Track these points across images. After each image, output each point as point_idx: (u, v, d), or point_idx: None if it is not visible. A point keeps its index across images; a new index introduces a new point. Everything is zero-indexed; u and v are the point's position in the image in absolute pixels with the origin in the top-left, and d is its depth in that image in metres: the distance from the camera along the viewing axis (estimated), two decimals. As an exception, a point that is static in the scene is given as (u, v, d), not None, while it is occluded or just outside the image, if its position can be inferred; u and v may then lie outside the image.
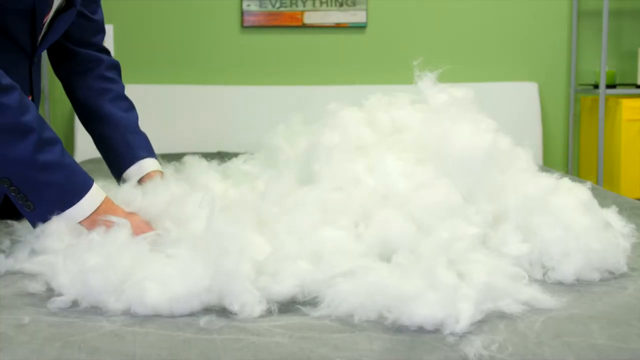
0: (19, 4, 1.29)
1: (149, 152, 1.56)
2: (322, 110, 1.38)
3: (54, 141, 1.19)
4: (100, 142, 1.60)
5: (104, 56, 1.64)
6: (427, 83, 1.32)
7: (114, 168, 1.57)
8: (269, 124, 3.62)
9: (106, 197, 1.24)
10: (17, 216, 1.47)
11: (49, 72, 3.31)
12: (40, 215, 1.19)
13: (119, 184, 1.52)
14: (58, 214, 1.19)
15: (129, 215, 1.24)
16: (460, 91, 1.31)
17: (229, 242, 1.01)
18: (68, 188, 1.19)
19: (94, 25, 1.62)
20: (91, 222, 1.21)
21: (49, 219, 1.19)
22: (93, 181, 1.23)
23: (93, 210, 1.21)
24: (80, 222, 1.21)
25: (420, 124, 1.29)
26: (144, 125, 1.64)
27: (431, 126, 1.26)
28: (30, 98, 1.47)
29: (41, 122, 1.19)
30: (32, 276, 1.12)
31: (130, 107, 1.63)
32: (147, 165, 1.54)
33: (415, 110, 1.34)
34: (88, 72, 1.60)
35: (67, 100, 1.64)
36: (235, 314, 0.97)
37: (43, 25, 1.38)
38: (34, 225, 1.20)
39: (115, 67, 1.66)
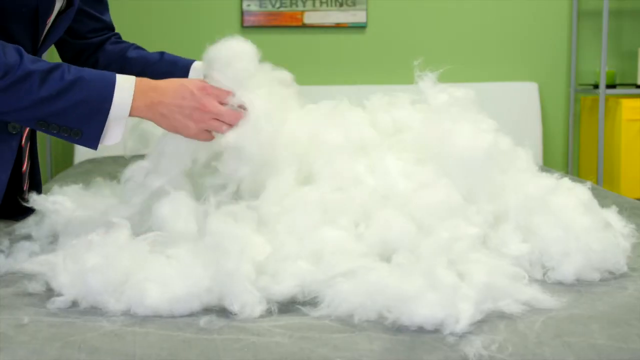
0: (22, 7, 1.30)
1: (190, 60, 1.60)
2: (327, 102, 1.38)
3: (54, 68, 1.17)
4: None
5: (111, 32, 1.66)
6: (427, 83, 1.32)
7: None
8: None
9: (137, 80, 1.21)
10: (16, 216, 1.48)
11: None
12: (91, 135, 1.18)
13: None
14: (103, 125, 1.17)
15: (178, 82, 1.22)
16: (461, 91, 1.31)
17: (229, 242, 1.01)
18: (93, 97, 1.17)
19: (103, 23, 1.63)
20: (145, 107, 1.19)
21: (104, 134, 1.18)
22: (115, 75, 1.20)
23: (131, 99, 1.18)
24: (132, 115, 1.19)
25: (421, 124, 1.29)
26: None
27: (431, 126, 1.26)
28: None
29: (35, 60, 1.18)
30: (32, 276, 1.12)
31: (147, 50, 1.65)
32: (200, 65, 1.57)
33: (415, 110, 1.34)
34: (103, 45, 1.62)
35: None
36: (235, 314, 0.97)
37: (45, 27, 1.38)
38: (94, 146, 1.19)
39: (118, 34, 1.68)
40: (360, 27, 3.49)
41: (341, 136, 1.28)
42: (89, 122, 1.17)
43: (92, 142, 1.19)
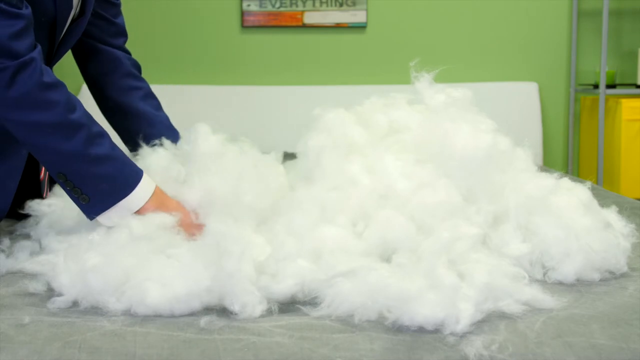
0: (42, 16, 1.31)
1: None
2: (310, 114, 1.37)
3: (102, 135, 1.21)
4: (133, 139, 1.61)
5: (127, 55, 1.66)
6: (424, 84, 1.33)
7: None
8: (269, 124, 3.62)
9: (157, 187, 1.24)
10: (17, 216, 1.48)
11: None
12: (95, 207, 1.20)
13: None
14: (111, 206, 1.20)
15: (180, 207, 1.24)
16: (458, 91, 1.31)
17: (229, 243, 1.01)
18: (120, 179, 1.20)
19: (116, 27, 1.64)
20: (147, 210, 1.21)
21: (103, 212, 1.20)
22: (143, 172, 1.24)
23: (147, 199, 1.21)
24: (140, 212, 1.21)
25: (419, 124, 1.29)
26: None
27: (431, 126, 1.26)
28: None
29: (89, 117, 1.21)
30: (32, 276, 1.12)
31: (159, 106, 1.66)
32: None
33: (413, 110, 1.34)
34: (115, 71, 1.62)
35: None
36: (235, 314, 0.97)
37: (61, 35, 1.39)
38: (90, 217, 1.21)
39: (138, 66, 1.68)
40: (360, 27, 3.49)
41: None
42: (101, 197, 1.19)
43: (92, 213, 1.21)
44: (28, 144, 1.18)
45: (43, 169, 1.50)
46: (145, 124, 1.57)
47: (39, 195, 1.49)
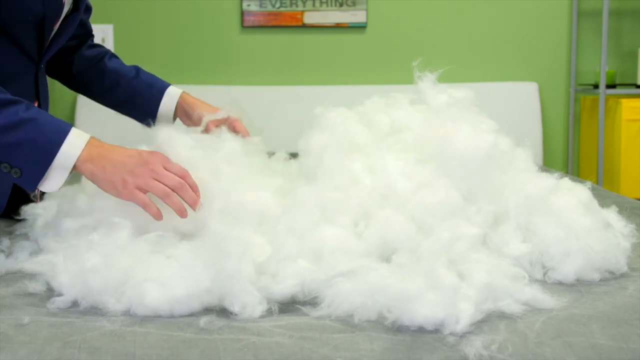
0: (30, 15, 1.30)
1: (166, 83, 1.62)
2: (311, 113, 1.37)
3: (13, 102, 1.16)
4: (116, 97, 1.62)
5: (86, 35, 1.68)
6: (427, 84, 1.32)
7: (142, 112, 1.59)
8: (269, 124, 3.63)
9: (92, 137, 1.18)
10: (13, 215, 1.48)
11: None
12: (31, 177, 1.15)
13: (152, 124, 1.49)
14: (45, 169, 1.14)
15: (129, 150, 1.18)
16: (461, 92, 1.31)
17: (230, 243, 1.00)
18: (42, 140, 1.14)
19: (85, 29, 1.66)
20: (88, 161, 1.15)
21: (43, 179, 1.15)
22: (71, 126, 1.18)
23: (81, 148, 1.15)
24: (76, 168, 1.16)
25: (420, 124, 1.29)
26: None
27: (432, 126, 1.26)
28: (36, 104, 1.48)
29: None
30: (32, 276, 1.12)
31: (124, 62, 1.66)
32: (174, 91, 1.60)
33: (415, 110, 1.34)
34: (79, 49, 1.63)
35: (67, 101, 1.66)
36: (235, 314, 0.97)
37: (52, 32, 1.39)
38: (31, 189, 1.17)
39: (92, 37, 1.69)
40: (360, 27, 3.49)
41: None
42: (31, 164, 1.14)
43: (30, 184, 1.16)
44: None
45: None
46: (122, 79, 1.59)
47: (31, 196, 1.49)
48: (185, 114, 1.60)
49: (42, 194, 1.52)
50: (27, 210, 1.36)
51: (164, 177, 1.14)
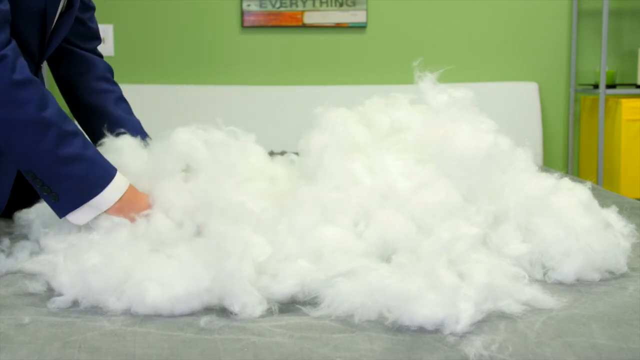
0: (34, 7, 1.31)
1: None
2: (311, 113, 1.37)
3: (74, 134, 1.21)
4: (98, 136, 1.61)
5: (100, 59, 1.67)
6: (427, 84, 1.32)
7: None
8: (269, 124, 3.62)
9: (130, 186, 1.25)
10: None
11: (48, 72, 3.31)
12: (64, 206, 1.20)
13: None
14: (81, 205, 1.20)
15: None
16: (461, 92, 1.31)
17: (230, 244, 1.00)
18: (90, 179, 1.20)
19: (90, 31, 1.65)
20: (118, 210, 1.22)
21: (72, 211, 1.20)
22: (116, 170, 1.24)
23: (117, 199, 1.22)
24: (106, 212, 1.22)
25: (421, 124, 1.29)
26: (143, 125, 1.64)
27: (432, 127, 1.26)
28: None
29: (62, 115, 1.20)
30: (32, 276, 1.12)
31: (130, 110, 1.66)
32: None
33: (415, 110, 1.34)
34: (88, 73, 1.62)
35: (65, 103, 1.65)
36: (235, 314, 0.97)
37: (51, 27, 1.39)
38: (59, 216, 1.22)
39: (111, 70, 1.69)
40: (360, 27, 3.49)
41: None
42: (70, 196, 1.20)
43: (61, 211, 1.21)
44: None
45: None
46: (117, 126, 1.57)
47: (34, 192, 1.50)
48: None
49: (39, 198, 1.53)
50: (21, 216, 1.37)
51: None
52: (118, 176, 1.24)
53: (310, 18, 3.46)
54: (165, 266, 1.02)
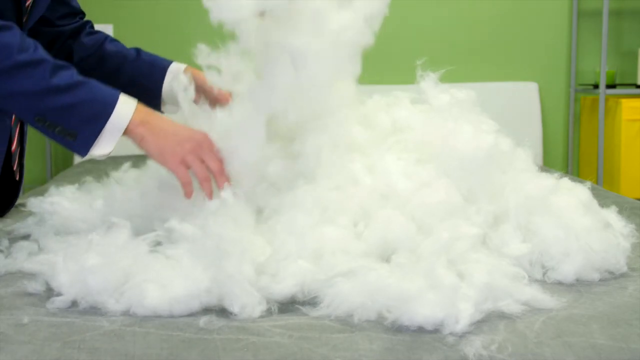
0: None
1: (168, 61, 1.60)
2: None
3: (65, 66, 1.19)
4: (118, 81, 1.60)
5: (83, 21, 1.65)
6: (429, 83, 1.32)
7: (146, 93, 1.56)
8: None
9: (138, 102, 1.21)
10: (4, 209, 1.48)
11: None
12: (86, 139, 1.17)
13: (161, 110, 1.52)
14: (100, 129, 1.17)
15: (171, 122, 1.21)
16: (463, 92, 1.31)
17: (229, 245, 1.00)
18: (98, 100, 1.17)
19: (73, 10, 1.63)
20: (141, 123, 1.18)
21: (96, 142, 1.17)
22: (119, 91, 1.21)
23: (132, 111, 1.18)
24: (127, 131, 1.18)
25: (422, 124, 1.29)
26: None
27: (432, 126, 1.26)
28: None
29: (47, 53, 1.19)
30: (31, 276, 1.12)
31: (124, 45, 1.66)
32: (177, 67, 1.56)
33: (416, 110, 1.34)
34: (77, 36, 1.62)
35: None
36: (235, 314, 0.97)
37: (27, 4, 1.38)
38: (85, 153, 1.19)
39: (90, 23, 1.68)
40: (360, 27, 3.48)
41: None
42: (86, 125, 1.17)
43: (84, 147, 1.18)
44: None
45: (15, 141, 1.50)
46: (124, 61, 1.57)
47: (10, 166, 1.49)
48: (195, 89, 1.60)
49: (21, 175, 1.52)
50: (35, 202, 1.36)
51: (209, 160, 1.18)
52: (123, 94, 1.20)
53: (310, 18, 3.46)
54: (164, 267, 1.02)
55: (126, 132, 1.19)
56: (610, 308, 1.00)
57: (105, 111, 1.17)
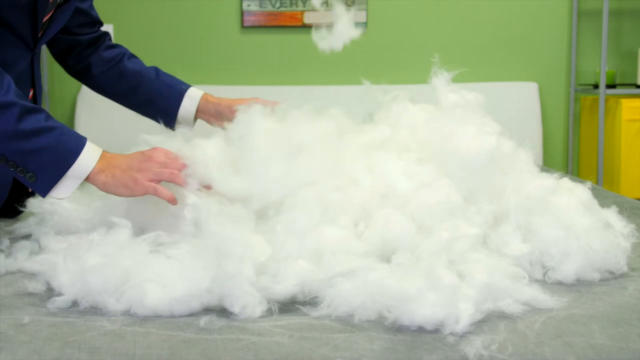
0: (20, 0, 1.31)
1: (186, 85, 1.63)
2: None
3: (36, 110, 1.19)
4: (135, 99, 1.63)
5: (101, 32, 1.68)
6: (441, 81, 1.33)
7: (162, 114, 1.60)
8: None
9: (104, 151, 1.23)
10: (11, 214, 1.48)
11: (49, 71, 3.31)
12: (45, 183, 1.19)
13: (173, 128, 1.56)
14: (60, 177, 1.19)
15: (129, 155, 1.23)
16: (472, 94, 1.32)
17: (230, 245, 1.00)
18: (61, 148, 1.18)
19: (93, 19, 1.65)
20: (100, 171, 1.20)
21: (55, 186, 1.19)
22: (86, 139, 1.23)
23: (96, 161, 1.20)
24: (88, 179, 1.20)
25: (424, 123, 1.29)
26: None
27: (435, 126, 1.26)
28: (32, 92, 1.49)
29: (21, 96, 1.19)
30: (32, 276, 1.12)
31: (144, 63, 1.68)
32: (195, 93, 1.61)
33: (418, 110, 1.34)
34: (97, 50, 1.64)
35: (67, 100, 1.66)
36: (235, 314, 0.97)
37: (44, 20, 1.39)
38: (43, 195, 1.20)
39: (108, 35, 1.70)
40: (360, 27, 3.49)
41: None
42: (46, 171, 1.18)
43: (43, 190, 1.19)
44: None
45: None
46: (144, 79, 1.60)
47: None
48: (213, 115, 1.62)
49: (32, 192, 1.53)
50: (35, 203, 1.36)
51: (168, 164, 1.20)
52: (89, 143, 1.22)
53: (310, 18, 3.46)
54: (165, 267, 1.02)
55: (88, 179, 1.21)
56: (611, 308, 1.00)
57: (67, 159, 1.19)
